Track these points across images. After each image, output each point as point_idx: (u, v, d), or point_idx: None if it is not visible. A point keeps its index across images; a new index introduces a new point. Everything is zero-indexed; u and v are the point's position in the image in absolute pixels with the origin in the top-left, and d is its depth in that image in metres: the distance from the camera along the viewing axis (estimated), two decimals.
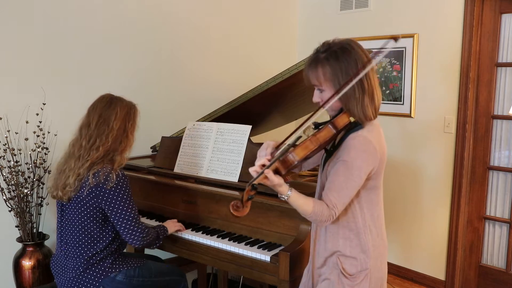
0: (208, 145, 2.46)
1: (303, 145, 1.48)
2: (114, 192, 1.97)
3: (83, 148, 2.01)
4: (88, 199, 1.98)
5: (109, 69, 3.17)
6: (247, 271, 2.08)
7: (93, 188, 1.97)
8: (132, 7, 3.25)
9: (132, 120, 2.10)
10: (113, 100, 2.07)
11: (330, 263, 1.64)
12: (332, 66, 1.52)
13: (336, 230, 1.62)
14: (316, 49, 1.58)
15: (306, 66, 1.59)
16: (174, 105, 3.53)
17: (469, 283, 3.35)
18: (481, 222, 3.28)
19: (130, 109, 2.10)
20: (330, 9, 4.06)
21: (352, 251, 1.61)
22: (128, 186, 2.03)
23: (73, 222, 2.04)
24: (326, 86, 1.55)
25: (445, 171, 3.38)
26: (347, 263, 1.61)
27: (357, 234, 1.61)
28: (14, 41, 2.77)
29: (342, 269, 1.61)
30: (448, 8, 3.29)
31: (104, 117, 2.02)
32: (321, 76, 1.54)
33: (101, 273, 2.03)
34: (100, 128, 2.01)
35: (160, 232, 2.17)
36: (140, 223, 2.04)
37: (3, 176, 2.65)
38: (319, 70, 1.54)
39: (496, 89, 3.17)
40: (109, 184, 1.96)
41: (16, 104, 2.76)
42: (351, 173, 1.51)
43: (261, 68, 3.97)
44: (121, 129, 2.04)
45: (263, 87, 2.51)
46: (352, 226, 1.61)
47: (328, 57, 1.53)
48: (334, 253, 1.63)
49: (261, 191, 2.17)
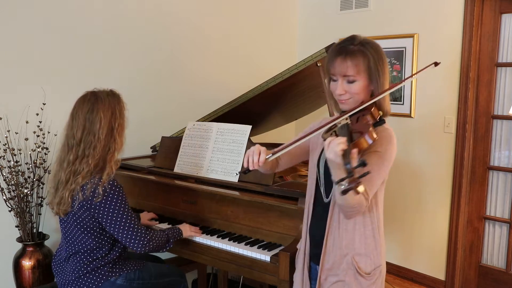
0: (208, 145, 2.46)
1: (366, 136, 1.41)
2: (104, 204, 1.90)
3: (71, 163, 1.91)
4: (81, 213, 1.94)
5: (109, 69, 3.17)
6: (247, 271, 2.08)
7: (83, 202, 1.91)
8: (132, 7, 3.25)
9: (118, 119, 1.96)
10: (95, 103, 1.92)
11: (344, 264, 1.61)
12: (374, 58, 1.55)
13: (353, 226, 1.61)
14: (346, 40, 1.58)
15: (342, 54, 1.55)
16: (174, 105, 3.53)
17: (469, 283, 3.35)
18: (481, 222, 3.28)
19: (114, 109, 1.95)
20: (330, 9, 4.06)
21: (367, 249, 1.61)
22: (119, 194, 1.93)
23: (72, 234, 2.01)
24: (361, 77, 1.56)
25: (445, 171, 3.38)
26: (362, 261, 1.61)
27: (372, 230, 1.62)
28: (14, 41, 2.77)
29: (357, 268, 1.60)
30: (448, 8, 3.29)
31: (88, 128, 1.90)
32: (361, 65, 1.54)
33: (101, 277, 2.02)
34: (86, 139, 1.91)
35: (172, 235, 2.11)
36: (139, 229, 1.97)
37: (3, 176, 2.65)
38: (360, 60, 1.54)
39: (496, 89, 3.17)
40: (98, 198, 1.88)
41: (16, 104, 2.76)
42: (383, 164, 1.54)
43: (261, 68, 3.97)
44: (108, 135, 1.92)
45: (263, 87, 2.51)
46: (367, 222, 1.61)
47: (369, 50, 1.55)
48: (348, 253, 1.61)
49: (260, 191, 2.18)
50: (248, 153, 1.58)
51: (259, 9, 4.03)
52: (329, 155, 1.36)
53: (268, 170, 1.83)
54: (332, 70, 1.58)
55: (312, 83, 2.60)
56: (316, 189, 1.71)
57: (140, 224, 2.01)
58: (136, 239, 1.96)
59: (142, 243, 1.97)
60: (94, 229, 1.98)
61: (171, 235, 2.12)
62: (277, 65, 3.50)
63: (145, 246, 1.98)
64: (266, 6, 4.09)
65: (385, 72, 1.58)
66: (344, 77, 1.56)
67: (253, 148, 1.57)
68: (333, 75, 1.59)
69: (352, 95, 1.58)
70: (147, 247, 1.99)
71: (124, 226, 1.94)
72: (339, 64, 1.55)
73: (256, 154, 1.56)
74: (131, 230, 1.95)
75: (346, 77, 1.56)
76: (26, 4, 2.79)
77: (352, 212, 1.51)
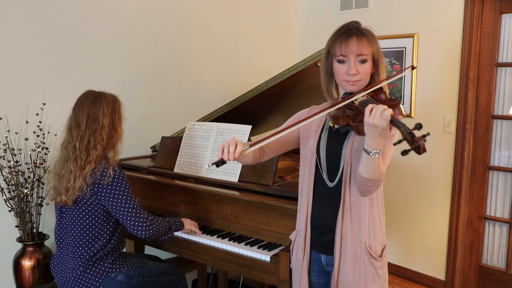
0: (208, 145, 2.46)
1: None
2: (111, 186, 2.00)
3: (78, 149, 2.01)
4: (88, 198, 2.01)
5: (109, 69, 3.17)
6: (247, 271, 2.08)
7: (91, 186, 1.99)
8: (132, 7, 3.25)
9: (118, 113, 2.11)
10: (98, 96, 2.08)
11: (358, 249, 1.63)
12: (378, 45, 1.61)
13: (363, 210, 1.63)
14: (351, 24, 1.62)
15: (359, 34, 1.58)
16: (174, 105, 3.53)
17: (469, 283, 3.35)
18: (481, 222, 3.28)
19: (114, 103, 2.11)
20: (330, 9, 4.06)
21: (375, 231, 1.64)
22: (125, 179, 2.05)
23: (74, 223, 2.04)
24: (370, 58, 1.59)
25: (445, 171, 3.38)
26: (373, 244, 1.64)
27: (378, 212, 1.66)
28: (14, 41, 2.77)
29: (370, 251, 1.63)
30: (448, 8, 3.29)
31: (92, 116, 2.04)
32: (372, 46, 1.59)
33: (101, 273, 2.04)
34: (91, 127, 2.03)
35: (173, 224, 2.17)
36: (144, 213, 2.06)
37: (3, 176, 2.65)
38: (372, 40, 1.59)
39: (496, 89, 3.16)
40: (106, 180, 1.99)
41: (16, 104, 2.76)
42: (391, 143, 1.54)
43: (261, 68, 3.97)
44: (111, 125, 2.07)
45: (263, 87, 2.51)
46: (374, 203, 1.65)
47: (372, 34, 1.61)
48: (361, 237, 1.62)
49: (260, 191, 2.18)
50: (223, 144, 1.56)
51: (259, 9, 4.03)
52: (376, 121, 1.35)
53: (254, 160, 1.80)
54: (344, 49, 1.58)
55: (312, 83, 2.60)
56: (316, 177, 1.70)
57: (143, 209, 2.08)
58: (141, 221, 2.03)
59: (145, 226, 2.03)
60: (98, 216, 2.04)
61: (173, 224, 2.17)
62: (277, 65, 3.50)
63: (148, 230, 2.04)
64: (266, 6, 4.09)
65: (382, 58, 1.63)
66: (358, 57, 1.57)
67: (229, 139, 1.55)
68: (344, 56, 1.58)
69: (363, 76, 1.59)
70: (149, 231, 2.04)
71: (130, 208, 2.02)
72: (355, 43, 1.57)
73: (232, 145, 1.53)
74: (136, 212, 2.03)
75: (360, 56, 1.57)
76: (26, 4, 2.79)
77: (374, 186, 1.53)
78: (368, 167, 1.48)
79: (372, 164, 1.47)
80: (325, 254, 1.72)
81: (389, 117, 1.34)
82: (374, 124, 1.37)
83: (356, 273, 1.64)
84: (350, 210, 1.62)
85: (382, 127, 1.35)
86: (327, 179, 1.67)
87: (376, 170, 1.48)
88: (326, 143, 1.68)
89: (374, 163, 1.46)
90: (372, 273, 1.64)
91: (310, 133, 1.73)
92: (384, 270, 1.68)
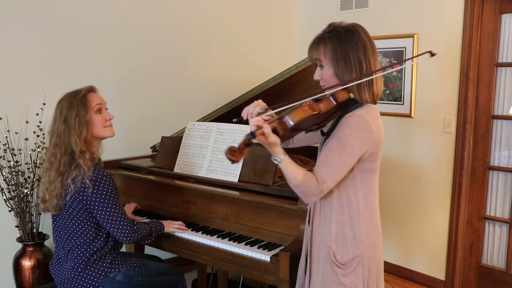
0: (208, 145, 2.46)
1: (300, 109, 1.48)
2: (94, 195, 1.96)
3: (47, 160, 2.02)
4: (75, 205, 1.98)
5: (109, 69, 3.17)
6: (247, 271, 2.08)
7: (75, 194, 1.96)
8: (132, 6, 3.25)
9: (76, 111, 1.97)
10: (60, 100, 2.03)
11: (323, 252, 1.64)
12: (333, 44, 1.58)
13: (329, 214, 1.62)
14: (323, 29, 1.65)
15: (311, 43, 1.64)
16: (174, 105, 3.52)
17: (469, 283, 3.35)
18: (481, 222, 3.28)
19: (72, 101, 1.98)
20: (330, 9, 4.06)
21: (344, 238, 1.61)
22: (108, 185, 1.98)
23: (67, 228, 2.04)
24: (325, 63, 1.61)
25: (445, 171, 3.38)
26: (338, 252, 1.61)
27: (350, 219, 1.61)
28: (14, 41, 2.77)
29: (334, 258, 1.61)
30: (448, 8, 3.29)
31: (53, 123, 2.02)
32: (321, 52, 1.60)
33: (100, 273, 2.03)
34: (52, 136, 2.01)
35: (154, 228, 2.17)
36: (126, 219, 2.03)
37: (3, 176, 2.65)
38: (321, 47, 1.61)
39: (496, 89, 3.16)
40: (88, 190, 1.94)
41: (16, 104, 2.76)
42: (343, 150, 1.52)
43: (261, 68, 3.97)
44: (68, 129, 1.96)
45: (263, 87, 2.51)
46: (345, 210, 1.61)
47: (331, 36, 1.59)
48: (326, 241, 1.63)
49: (260, 191, 2.18)
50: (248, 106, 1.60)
51: (259, 9, 4.03)
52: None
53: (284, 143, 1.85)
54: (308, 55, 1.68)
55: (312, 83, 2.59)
56: None
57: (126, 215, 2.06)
58: (123, 227, 2.01)
59: (128, 232, 2.02)
60: (90, 220, 2.02)
61: (153, 228, 2.17)
62: (277, 65, 3.50)
63: (130, 236, 2.03)
64: (266, 6, 4.09)
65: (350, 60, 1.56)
66: (316, 61, 1.64)
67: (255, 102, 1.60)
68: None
69: (325, 82, 1.62)
70: (132, 237, 2.04)
71: (113, 216, 1.99)
72: (310, 50, 1.65)
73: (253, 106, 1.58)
74: (118, 218, 2.00)
75: (316, 61, 1.63)
76: (26, 4, 2.79)
77: (300, 193, 1.53)
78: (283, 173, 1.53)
79: (282, 170, 1.51)
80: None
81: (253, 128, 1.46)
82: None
83: (321, 274, 1.65)
84: (320, 213, 1.65)
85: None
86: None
87: (287, 176, 1.51)
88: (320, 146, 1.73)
89: (283, 169, 1.51)
90: (334, 279, 1.61)
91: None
92: (351, 280, 1.61)
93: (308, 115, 1.48)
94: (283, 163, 1.49)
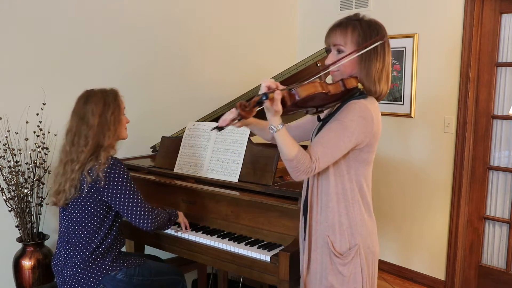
0: (208, 145, 2.46)
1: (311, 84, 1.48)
2: (110, 186, 2.00)
3: (69, 152, 2.03)
4: (90, 195, 2.02)
5: (109, 69, 3.17)
6: (247, 271, 2.08)
7: (92, 183, 2.00)
8: (132, 6, 3.25)
9: (112, 109, 2.05)
10: (89, 96, 2.05)
11: (321, 240, 1.64)
12: (363, 31, 1.58)
13: (326, 202, 1.63)
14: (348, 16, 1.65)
15: (335, 25, 1.62)
16: (174, 105, 3.53)
17: (469, 283, 3.35)
18: (481, 222, 3.28)
19: (106, 99, 2.05)
20: (330, 9, 4.06)
21: (341, 227, 1.62)
22: (123, 174, 2.02)
23: (76, 220, 2.05)
24: (348, 48, 1.59)
25: (445, 171, 3.38)
26: (336, 241, 1.62)
27: (346, 208, 1.62)
28: (14, 41, 2.77)
29: (332, 248, 1.62)
30: (448, 8, 3.29)
31: (82, 117, 2.02)
32: (348, 36, 1.58)
33: (101, 271, 2.04)
34: (80, 129, 2.02)
35: (172, 215, 2.23)
36: (147, 206, 2.07)
37: (3, 176, 2.65)
38: (349, 30, 1.59)
39: (496, 89, 3.17)
40: (102, 182, 1.98)
41: (16, 104, 2.76)
42: (343, 133, 1.53)
43: (261, 68, 3.97)
44: (101, 124, 2.02)
45: None
46: (340, 198, 1.62)
47: (361, 23, 1.60)
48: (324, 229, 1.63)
49: (260, 191, 2.18)
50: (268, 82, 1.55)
51: (259, 9, 4.03)
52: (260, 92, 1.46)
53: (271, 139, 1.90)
54: (326, 40, 1.65)
55: None
56: None
57: (146, 201, 2.09)
58: (146, 214, 2.05)
59: (150, 218, 2.05)
60: (99, 211, 2.05)
61: (171, 215, 2.22)
62: (277, 65, 3.50)
63: (152, 222, 2.06)
64: (266, 6, 4.09)
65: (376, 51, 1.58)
66: (334, 47, 1.62)
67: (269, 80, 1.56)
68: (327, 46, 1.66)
69: (340, 67, 1.60)
70: (154, 223, 2.07)
71: (133, 203, 2.02)
72: (330, 33, 1.63)
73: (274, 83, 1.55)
74: (139, 206, 2.04)
75: (335, 46, 1.61)
76: (26, 4, 2.79)
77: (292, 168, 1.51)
78: (277, 145, 1.51)
79: (276, 140, 1.50)
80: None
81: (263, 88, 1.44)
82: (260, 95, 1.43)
83: (319, 263, 1.65)
84: (317, 201, 1.65)
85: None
86: None
87: (282, 148, 1.49)
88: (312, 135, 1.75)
89: (277, 139, 1.49)
90: (332, 268, 1.63)
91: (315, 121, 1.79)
92: (350, 269, 1.62)
93: (317, 92, 1.48)
94: (279, 133, 1.48)
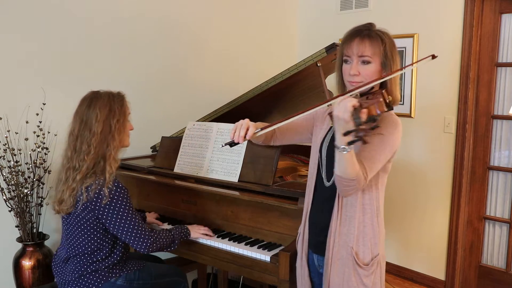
0: (208, 145, 2.46)
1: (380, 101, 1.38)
2: (109, 207, 1.89)
3: (70, 159, 1.91)
4: (85, 214, 1.92)
5: (109, 69, 3.17)
6: (247, 271, 2.08)
7: (87, 203, 1.89)
8: (132, 8, 3.25)
9: (117, 116, 1.92)
10: (93, 99, 1.92)
11: (344, 253, 1.61)
12: (389, 44, 1.59)
13: (352, 214, 1.60)
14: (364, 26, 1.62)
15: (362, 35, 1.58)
16: (174, 105, 3.53)
17: (469, 283, 3.35)
18: (481, 222, 3.28)
19: (112, 105, 1.92)
20: (330, 9, 4.06)
21: (364, 238, 1.60)
22: (124, 197, 1.92)
23: (73, 234, 2.00)
24: (375, 60, 1.58)
25: (445, 171, 3.38)
26: (360, 251, 1.60)
27: (371, 218, 1.61)
28: (14, 41, 2.77)
29: (356, 258, 1.60)
30: (448, 8, 3.29)
31: (85, 122, 1.90)
32: (377, 48, 1.57)
33: (101, 278, 2.01)
34: (82, 134, 1.89)
35: (177, 235, 2.09)
36: (144, 229, 1.97)
37: (3, 176, 2.65)
38: (378, 42, 1.57)
39: (496, 89, 3.16)
40: (103, 200, 1.87)
41: (16, 104, 2.76)
42: (385, 147, 1.54)
43: (261, 68, 3.97)
44: (105, 132, 1.89)
45: (263, 87, 2.51)
46: (367, 209, 1.61)
47: (386, 36, 1.60)
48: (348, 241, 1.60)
49: (260, 191, 2.18)
50: (236, 126, 1.62)
51: (259, 9, 4.03)
52: (338, 112, 1.34)
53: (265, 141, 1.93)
54: (348, 50, 1.60)
55: (312, 83, 2.60)
56: (317, 175, 1.71)
57: (144, 225, 2.00)
58: (141, 240, 1.96)
59: (146, 244, 1.97)
60: (97, 230, 1.97)
61: (177, 235, 2.10)
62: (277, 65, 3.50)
63: (150, 247, 1.98)
64: (266, 6, 4.09)
65: (396, 61, 1.60)
66: (359, 58, 1.58)
67: (241, 122, 1.61)
68: (348, 56, 1.60)
69: (364, 78, 1.58)
70: (152, 247, 1.98)
71: (129, 228, 1.93)
72: (357, 44, 1.57)
73: (243, 128, 1.60)
74: (136, 231, 1.94)
75: (361, 57, 1.58)
76: (26, 4, 2.79)
77: (349, 187, 1.48)
78: (340, 164, 1.45)
79: (343, 161, 1.42)
80: (317, 254, 1.72)
81: (350, 109, 1.31)
82: (337, 115, 1.36)
83: (340, 276, 1.62)
84: (341, 212, 1.61)
85: (344, 119, 1.33)
86: (325, 178, 1.67)
87: (348, 168, 1.43)
88: (329, 142, 1.68)
89: (345, 159, 1.42)
90: (356, 280, 1.60)
91: (320, 131, 1.75)
92: (372, 280, 1.61)
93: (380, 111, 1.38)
94: (349, 154, 1.41)
